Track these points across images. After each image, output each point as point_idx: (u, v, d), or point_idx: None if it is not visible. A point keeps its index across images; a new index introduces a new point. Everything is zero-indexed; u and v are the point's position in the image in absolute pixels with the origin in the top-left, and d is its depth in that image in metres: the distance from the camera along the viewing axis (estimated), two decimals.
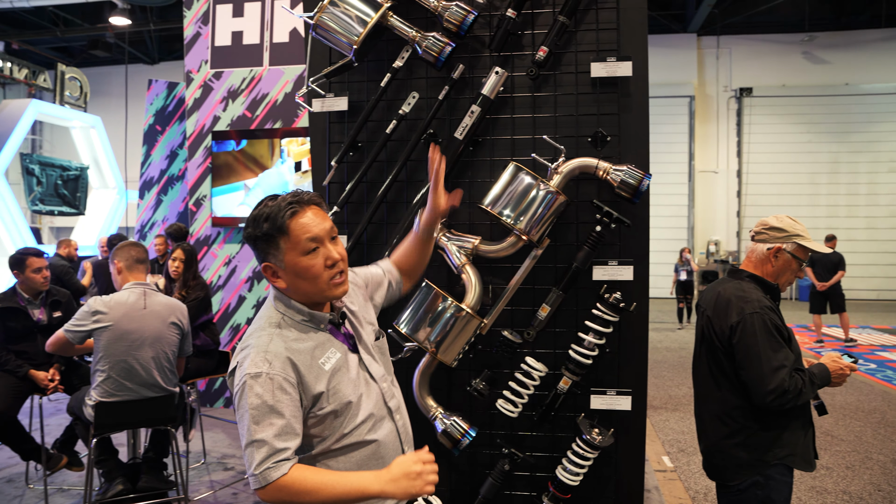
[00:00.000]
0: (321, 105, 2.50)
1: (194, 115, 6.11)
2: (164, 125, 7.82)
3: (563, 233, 2.31)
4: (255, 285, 6.04)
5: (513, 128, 2.36)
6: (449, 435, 2.15)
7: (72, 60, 16.82)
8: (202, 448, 4.63)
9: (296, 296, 1.47)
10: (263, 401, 1.35)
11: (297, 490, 1.33)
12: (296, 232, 1.42)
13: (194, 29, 6.03)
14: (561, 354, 2.29)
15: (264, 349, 1.40)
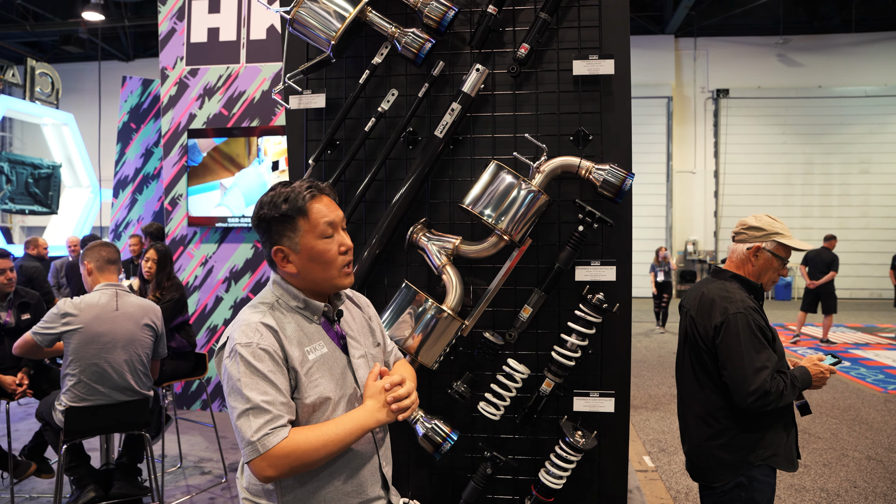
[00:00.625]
0: (298, 102, 2.45)
1: (169, 113, 6.00)
2: (139, 123, 7.69)
3: (545, 233, 2.28)
4: (233, 286, 5.95)
5: (494, 126, 2.33)
6: (430, 439, 2.10)
7: (43, 56, 16.50)
8: (178, 452, 4.54)
9: (301, 282, 1.45)
10: (256, 368, 1.32)
11: (303, 450, 1.30)
12: (315, 215, 1.42)
13: (169, 25, 5.92)
14: (543, 356, 2.26)
15: (256, 322, 1.38)
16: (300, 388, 1.38)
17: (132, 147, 7.72)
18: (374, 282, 2.43)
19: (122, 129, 7.69)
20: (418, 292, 2.12)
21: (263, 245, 1.47)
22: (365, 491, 1.47)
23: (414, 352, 2.09)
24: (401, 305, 2.14)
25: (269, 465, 1.28)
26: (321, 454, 1.32)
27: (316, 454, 1.32)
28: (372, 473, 1.49)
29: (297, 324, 1.43)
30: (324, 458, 1.34)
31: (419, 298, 2.11)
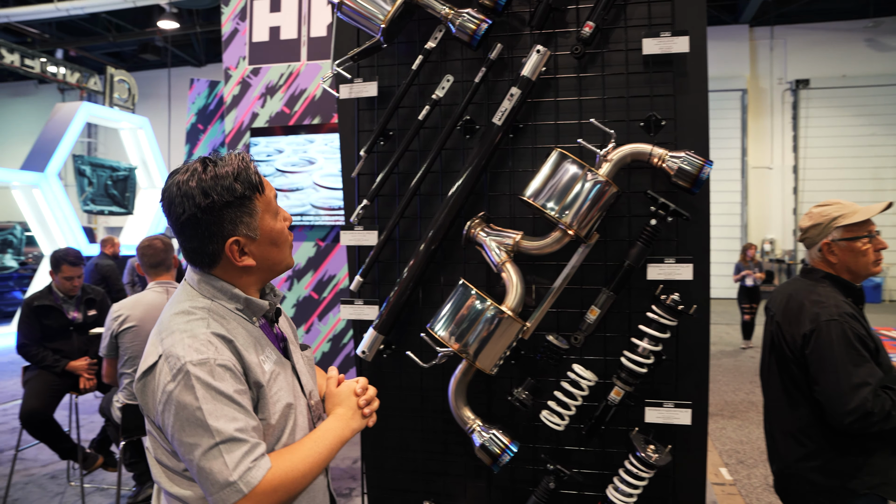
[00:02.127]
0: (349, 91, 2.34)
1: (233, 113, 6.05)
2: (206, 124, 7.82)
3: (613, 227, 2.09)
4: (295, 284, 5.95)
5: (557, 112, 2.15)
6: (488, 450, 1.95)
7: (123, 64, 17.20)
8: None
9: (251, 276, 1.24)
10: (220, 391, 1.08)
11: (292, 479, 1.12)
12: (267, 190, 1.23)
13: (232, 25, 5.97)
14: (612, 362, 2.07)
15: (205, 333, 1.13)
16: (264, 406, 1.18)
17: (199, 147, 7.86)
18: (429, 280, 2.30)
19: (190, 130, 7.84)
20: (476, 291, 1.97)
21: (200, 242, 1.19)
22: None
23: (472, 356, 1.94)
24: (456, 305, 1.99)
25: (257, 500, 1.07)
26: (308, 479, 1.15)
27: (304, 480, 1.14)
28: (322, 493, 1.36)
29: (244, 331, 1.21)
30: (309, 483, 1.17)
31: (476, 298, 1.96)
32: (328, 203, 5.81)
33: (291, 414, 1.23)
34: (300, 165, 5.85)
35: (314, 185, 5.84)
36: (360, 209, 2.33)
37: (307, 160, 5.82)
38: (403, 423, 2.35)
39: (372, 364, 2.39)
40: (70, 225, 9.81)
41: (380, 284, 2.41)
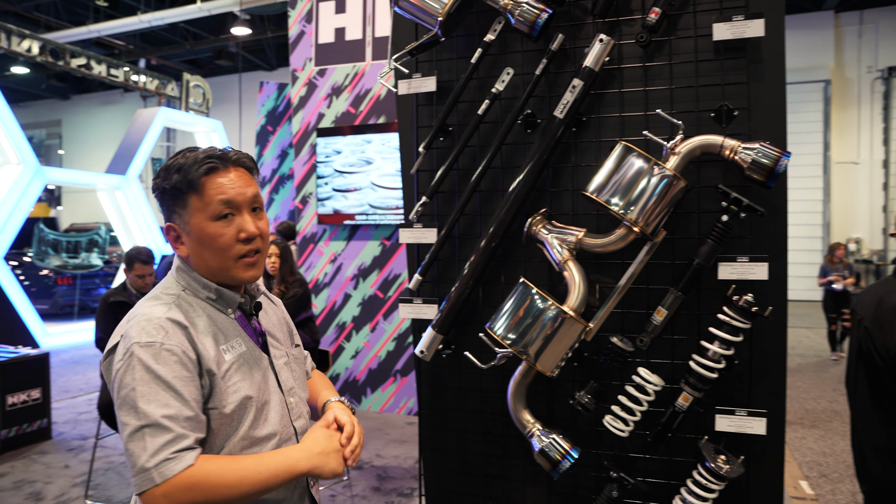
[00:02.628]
0: (408, 87, 2.31)
1: (300, 114, 6.17)
2: (275, 125, 8.01)
3: (682, 224, 1.98)
4: (361, 283, 6.00)
5: (622, 104, 2.06)
6: (547, 455, 1.88)
7: (199, 70, 17.84)
8: None
9: (199, 269, 1.24)
10: (157, 375, 1.08)
11: (211, 485, 1.05)
12: (209, 192, 1.19)
13: (299, 28, 6.08)
14: (680, 366, 1.96)
15: (160, 317, 1.14)
16: (217, 395, 1.15)
17: (269, 149, 8.05)
18: (489, 279, 2.24)
19: (259, 132, 8.05)
20: (536, 291, 1.90)
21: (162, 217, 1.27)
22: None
23: (531, 357, 1.88)
24: (516, 305, 1.93)
25: (167, 499, 1.02)
26: (233, 493, 1.06)
27: (227, 492, 1.05)
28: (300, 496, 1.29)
29: (209, 317, 1.21)
30: (236, 500, 1.08)
31: (537, 297, 1.89)
32: (386, 203, 5.84)
33: (252, 407, 1.19)
34: (358, 166, 5.90)
35: (372, 184, 5.88)
36: (418, 206, 2.30)
37: (365, 160, 5.87)
38: (462, 425, 2.30)
39: (431, 364, 2.36)
40: (148, 225, 10.25)
41: (439, 283, 2.37)
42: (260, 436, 1.21)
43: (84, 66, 11.46)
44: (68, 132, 20.66)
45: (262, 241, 1.25)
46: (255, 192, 1.26)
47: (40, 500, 3.77)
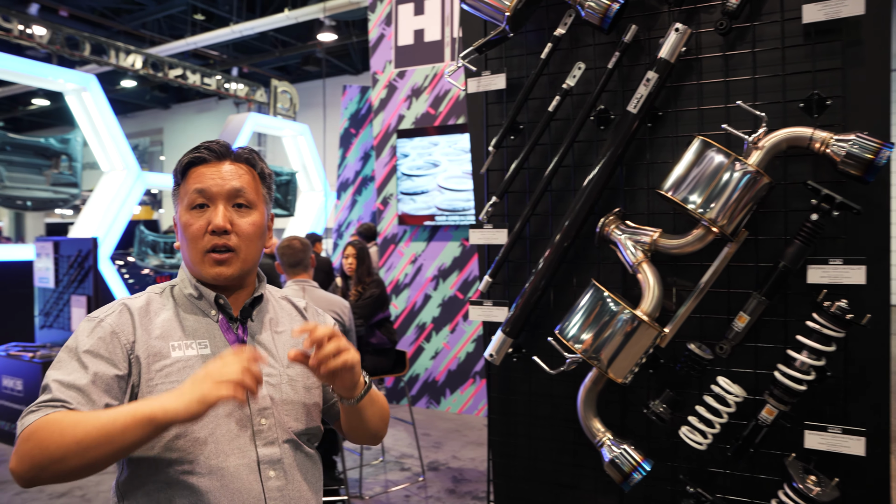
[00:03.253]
0: (477, 85, 2.27)
1: (380, 115, 6.24)
2: (358, 128, 8.15)
3: (767, 223, 1.85)
4: (441, 284, 6.02)
5: (700, 97, 1.94)
6: (618, 466, 1.80)
7: (288, 77, 18.47)
8: (381, 446, 4.65)
9: (186, 264, 1.22)
10: (77, 345, 1.07)
11: (49, 430, 0.93)
12: (189, 181, 1.18)
13: (378, 31, 6.15)
14: (764, 376, 1.83)
15: (122, 300, 1.16)
16: (146, 385, 1.09)
17: (352, 151, 8.20)
18: (561, 281, 2.17)
19: (343, 134, 8.21)
20: (608, 294, 1.82)
21: None
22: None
23: (603, 364, 1.80)
24: (587, 308, 1.86)
25: (16, 450, 0.94)
26: (73, 435, 0.92)
27: (60, 434, 0.92)
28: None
29: (176, 313, 1.17)
30: (77, 447, 0.92)
31: (608, 301, 1.81)
32: (452, 205, 5.83)
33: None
34: (424, 168, 5.92)
35: (439, 187, 5.88)
36: (488, 206, 2.26)
37: (431, 163, 5.88)
38: (532, 431, 2.24)
39: (500, 368, 2.31)
40: None
41: (510, 285, 2.32)
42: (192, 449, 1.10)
43: (180, 76, 12.10)
44: (169, 139, 21.89)
45: (239, 240, 1.17)
46: (239, 187, 1.18)
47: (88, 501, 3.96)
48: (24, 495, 3.83)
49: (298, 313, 1.35)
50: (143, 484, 1.10)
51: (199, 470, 1.09)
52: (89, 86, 8.51)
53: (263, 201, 1.24)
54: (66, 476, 0.94)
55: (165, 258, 10.48)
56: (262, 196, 1.24)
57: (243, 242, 1.17)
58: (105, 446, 0.93)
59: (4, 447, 4.83)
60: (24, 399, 4.76)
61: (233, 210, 1.17)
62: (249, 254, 1.19)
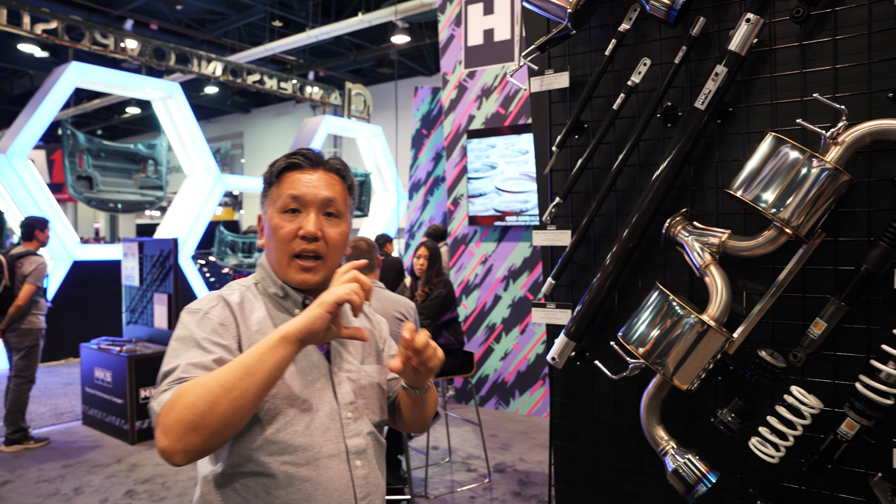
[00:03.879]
0: (540, 84, 2.23)
1: (451, 116, 6.26)
2: (430, 129, 8.21)
3: (847, 223, 1.73)
4: (511, 284, 5.98)
5: (774, 90, 1.84)
6: (681, 477, 1.73)
7: (363, 79, 18.81)
8: (448, 446, 4.66)
9: (270, 263, 1.26)
10: (193, 334, 1.11)
11: (187, 389, 0.97)
12: (284, 185, 1.22)
13: (448, 32, 6.17)
14: (844, 387, 1.71)
15: (219, 294, 1.21)
16: None
17: (424, 152, 8.26)
18: (626, 284, 2.11)
19: (415, 135, 8.29)
20: (672, 298, 1.75)
21: None
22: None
23: (668, 370, 1.73)
24: (650, 312, 1.80)
25: (160, 429, 0.96)
26: (214, 381, 0.96)
27: (202, 385, 0.96)
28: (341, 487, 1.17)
29: (268, 313, 1.22)
30: (223, 389, 0.96)
31: (673, 305, 1.74)
32: (510, 207, 5.78)
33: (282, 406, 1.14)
34: (483, 171, 5.88)
35: (496, 189, 5.84)
36: (552, 207, 2.22)
37: (489, 165, 5.84)
38: (595, 438, 2.19)
39: (563, 372, 2.27)
40: None
41: (574, 287, 2.28)
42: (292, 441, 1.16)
43: (258, 81, 12.51)
44: (249, 142, 22.69)
45: (326, 248, 1.22)
46: (332, 197, 1.23)
47: (168, 489, 4.13)
48: (113, 479, 4.05)
49: (364, 314, 1.42)
50: (240, 475, 1.15)
51: (297, 461, 1.14)
52: (174, 93, 8.93)
53: (349, 212, 1.30)
54: (218, 430, 0.97)
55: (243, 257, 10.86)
56: (348, 207, 1.30)
57: (330, 250, 1.23)
58: (247, 380, 0.97)
59: (96, 433, 5.13)
60: (112, 390, 5.04)
61: (323, 218, 1.22)
62: (334, 261, 1.25)
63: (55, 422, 5.51)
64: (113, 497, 3.81)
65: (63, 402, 6.15)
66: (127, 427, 4.89)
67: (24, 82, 18.33)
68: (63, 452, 4.66)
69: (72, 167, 7.94)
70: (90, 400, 5.35)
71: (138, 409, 4.91)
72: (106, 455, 4.60)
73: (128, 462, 4.44)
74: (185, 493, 3.83)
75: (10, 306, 4.59)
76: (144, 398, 4.95)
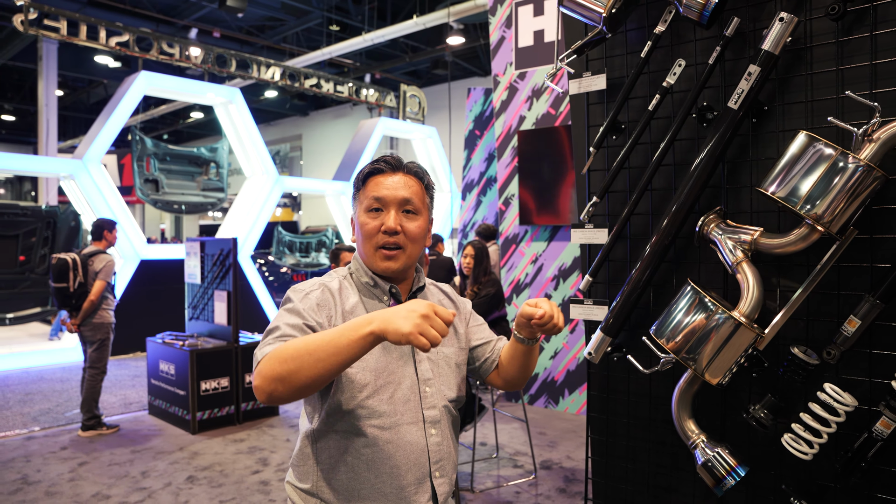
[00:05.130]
0: (578, 86, 2.28)
1: (502, 117, 6.32)
2: (482, 129, 8.27)
3: (885, 221, 1.72)
4: (561, 284, 5.99)
5: (810, 89, 1.84)
6: (710, 470, 1.75)
7: (418, 81, 19.01)
8: (496, 443, 4.72)
9: (361, 257, 1.43)
10: (295, 307, 1.31)
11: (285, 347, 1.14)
12: (368, 188, 1.41)
13: (499, 34, 6.23)
14: (880, 385, 1.71)
15: (321, 280, 1.41)
16: None
17: (476, 152, 8.33)
18: (661, 281, 2.14)
19: (468, 136, 8.36)
20: (702, 294, 1.78)
21: None
22: (406, 498, 1.33)
23: (699, 365, 1.76)
24: (682, 309, 1.83)
25: (257, 372, 1.15)
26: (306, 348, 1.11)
27: (296, 349, 1.12)
28: (418, 480, 1.34)
29: (360, 300, 1.40)
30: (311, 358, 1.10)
31: (703, 301, 1.77)
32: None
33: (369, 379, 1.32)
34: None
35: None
36: (589, 206, 2.26)
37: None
38: (631, 432, 2.22)
39: (600, 367, 2.31)
40: None
41: (610, 284, 2.32)
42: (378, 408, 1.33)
43: (315, 85, 12.83)
44: (307, 144, 23.22)
45: (406, 240, 1.38)
46: (408, 196, 1.40)
47: (266, 464, 4.32)
48: (176, 465, 4.28)
49: (445, 296, 1.61)
50: (334, 432, 1.34)
51: (382, 425, 1.33)
52: (234, 99, 9.26)
53: (427, 209, 1.46)
54: (298, 388, 1.13)
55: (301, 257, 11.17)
56: (426, 204, 1.46)
57: (409, 242, 1.39)
58: (333, 357, 1.11)
59: (160, 422, 5.41)
60: (175, 382, 5.30)
61: (402, 215, 1.39)
62: (413, 252, 1.42)
63: (124, 411, 5.83)
64: (176, 482, 4.03)
65: (131, 393, 6.49)
66: (189, 417, 5.13)
67: (98, 91, 19.30)
68: (131, 439, 4.93)
69: (140, 171, 8.36)
70: (155, 391, 5.64)
71: (199, 401, 5.15)
72: (169, 443, 4.85)
73: (189, 450, 4.67)
74: (241, 481, 4.02)
75: (84, 302, 4.90)
76: (205, 390, 5.19)
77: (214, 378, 5.28)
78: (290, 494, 1.41)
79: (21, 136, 23.67)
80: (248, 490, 3.89)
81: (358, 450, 1.32)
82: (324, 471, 1.35)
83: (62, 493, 3.84)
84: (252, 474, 4.16)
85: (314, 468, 1.36)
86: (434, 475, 1.37)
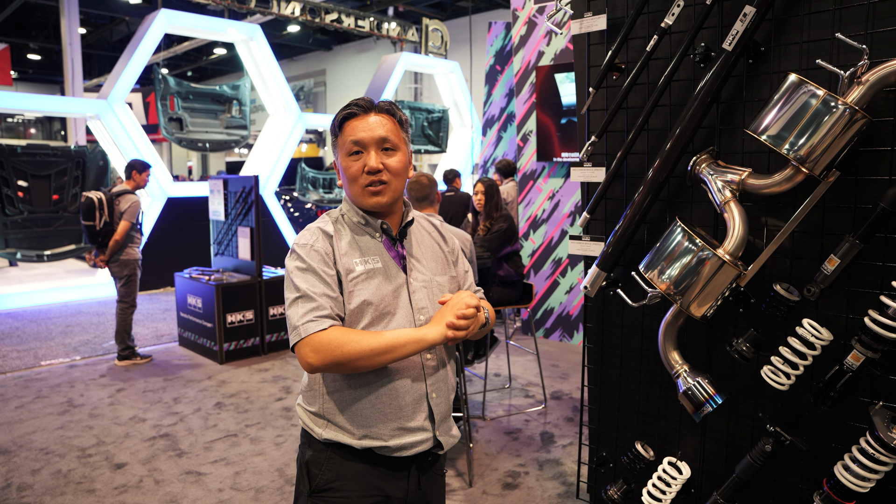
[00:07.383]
0: (579, 26, 2.29)
1: (520, 52, 6.24)
2: (503, 64, 8.16)
3: (872, 163, 1.75)
4: (577, 219, 6.03)
5: (807, 29, 1.84)
6: (691, 397, 1.86)
7: (443, 14, 18.58)
8: (509, 374, 4.90)
9: (350, 198, 1.51)
10: (308, 264, 1.40)
11: (344, 341, 1.31)
12: (345, 133, 1.46)
13: None
14: (857, 321, 1.78)
15: (315, 227, 1.48)
16: (344, 294, 1.42)
17: (497, 88, 8.25)
18: (656, 219, 2.21)
19: (489, 72, 8.26)
20: (688, 231, 1.85)
21: None
22: (405, 416, 1.44)
23: (683, 300, 1.85)
24: (669, 246, 1.90)
25: (311, 349, 1.31)
26: (353, 357, 1.31)
27: (356, 346, 1.31)
28: (416, 401, 1.46)
29: (353, 237, 1.48)
30: (366, 358, 1.32)
31: (688, 238, 1.84)
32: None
33: (369, 311, 1.41)
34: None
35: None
36: (588, 145, 2.31)
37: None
38: (624, 362, 2.34)
39: (597, 300, 2.41)
40: None
41: (608, 222, 2.38)
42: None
43: (336, 20, 12.65)
44: (332, 80, 23.02)
45: (390, 175, 1.46)
46: (384, 135, 1.46)
47: (289, 392, 4.56)
48: (205, 392, 4.55)
49: (436, 230, 1.68)
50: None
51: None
52: (255, 35, 9.22)
53: (404, 143, 1.51)
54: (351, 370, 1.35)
55: (324, 193, 11.29)
56: (402, 139, 1.51)
57: (392, 176, 1.46)
58: (388, 354, 1.33)
59: (190, 353, 5.69)
60: (202, 314, 5.54)
61: (382, 153, 1.46)
62: (398, 185, 1.49)
63: (156, 342, 6.12)
64: (205, 407, 4.29)
65: (162, 326, 6.78)
66: (216, 348, 5.39)
67: (121, 28, 19.22)
68: (163, 368, 5.21)
69: (164, 110, 8.45)
70: (184, 324, 5.90)
71: (226, 333, 5.39)
72: (199, 372, 5.12)
73: (217, 378, 4.94)
74: (266, 407, 4.26)
75: (111, 240, 5.10)
76: (231, 323, 5.42)
77: (240, 311, 5.50)
78: (301, 416, 1.54)
79: (48, 75, 23.81)
80: (272, 415, 4.13)
81: (359, 374, 1.43)
82: (329, 394, 1.46)
83: (103, 416, 4.12)
84: (276, 401, 4.40)
85: (320, 392, 1.48)
86: (430, 396, 1.48)
